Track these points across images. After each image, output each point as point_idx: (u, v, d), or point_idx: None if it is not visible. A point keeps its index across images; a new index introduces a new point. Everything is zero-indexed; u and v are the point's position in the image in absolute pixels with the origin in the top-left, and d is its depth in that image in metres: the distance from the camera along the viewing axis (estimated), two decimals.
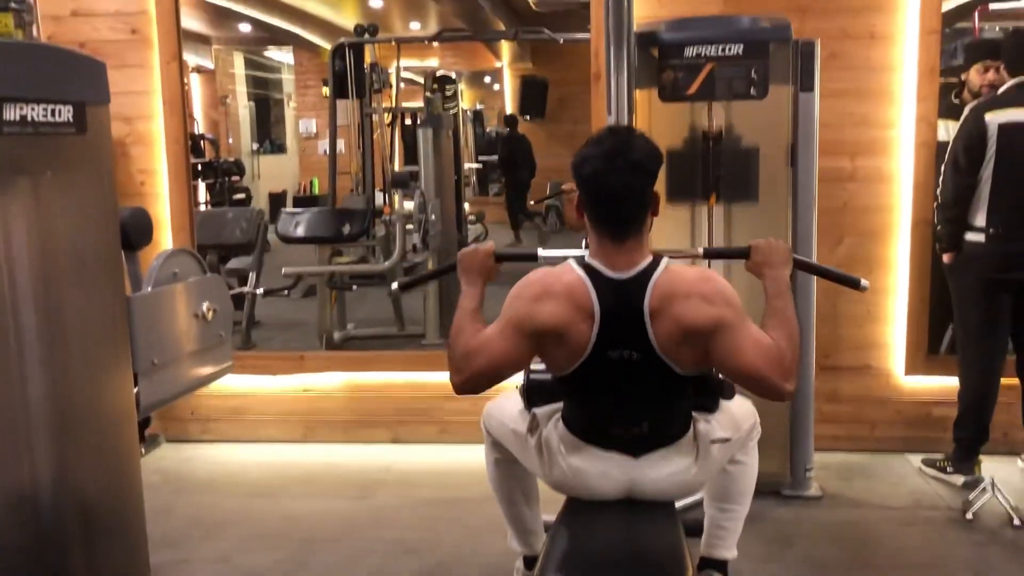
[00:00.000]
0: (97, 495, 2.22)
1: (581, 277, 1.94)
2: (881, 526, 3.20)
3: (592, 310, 1.91)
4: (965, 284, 3.43)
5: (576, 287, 1.93)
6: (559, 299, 1.93)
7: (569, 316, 1.92)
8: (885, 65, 3.64)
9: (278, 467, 3.89)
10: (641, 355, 1.92)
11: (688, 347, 1.92)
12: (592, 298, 1.91)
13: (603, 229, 1.96)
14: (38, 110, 1.94)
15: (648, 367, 1.93)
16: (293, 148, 13.18)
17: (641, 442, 2.02)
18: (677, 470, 2.04)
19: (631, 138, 1.96)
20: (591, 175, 1.94)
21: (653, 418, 2.02)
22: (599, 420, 2.04)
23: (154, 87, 3.99)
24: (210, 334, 2.64)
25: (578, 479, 2.06)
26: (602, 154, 1.93)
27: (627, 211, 1.95)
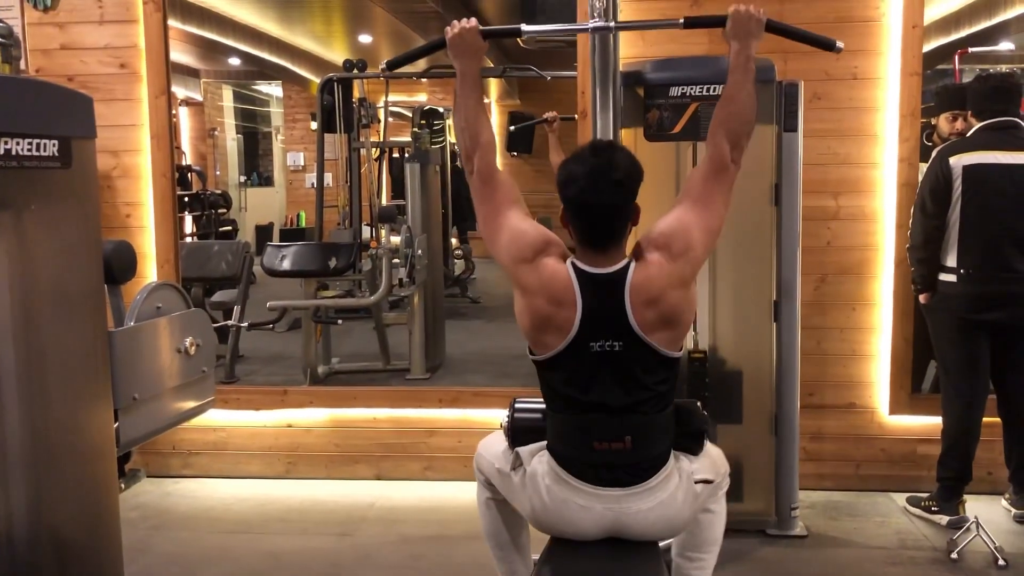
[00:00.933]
0: (74, 532, 2.18)
1: (568, 271, 2.04)
2: (866, 566, 3.18)
3: (575, 302, 2.01)
4: (942, 324, 3.46)
5: (560, 276, 2.03)
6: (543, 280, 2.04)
7: (549, 299, 2.03)
8: (868, 106, 3.69)
9: (260, 503, 3.85)
10: (624, 344, 2.00)
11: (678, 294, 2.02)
12: (576, 291, 2.01)
13: (586, 241, 2.06)
14: (23, 144, 1.93)
15: (632, 354, 2.00)
16: (280, 181, 13.19)
17: (623, 462, 2.02)
18: (660, 504, 2.03)
19: (614, 156, 2.05)
20: (575, 195, 2.03)
21: (635, 433, 2.03)
22: (583, 435, 2.05)
23: (142, 120, 4.00)
24: (193, 369, 2.61)
25: (562, 513, 2.05)
26: (585, 174, 2.02)
27: (610, 227, 2.04)
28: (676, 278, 2.02)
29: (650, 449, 2.06)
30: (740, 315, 3.37)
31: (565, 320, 2.01)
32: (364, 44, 9.97)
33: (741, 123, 2.14)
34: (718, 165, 2.12)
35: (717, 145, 2.13)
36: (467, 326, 7.41)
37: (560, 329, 2.02)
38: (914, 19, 3.62)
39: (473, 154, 2.17)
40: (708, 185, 2.11)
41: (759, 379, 3.38)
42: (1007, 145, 3.31)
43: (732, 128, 2.13)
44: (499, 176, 2.18)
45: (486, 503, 2.40)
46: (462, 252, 9.02)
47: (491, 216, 2.14)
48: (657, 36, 3.72)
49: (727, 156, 2.12)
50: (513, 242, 2.09)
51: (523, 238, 2.09)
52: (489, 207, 2.15)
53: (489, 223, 2.15)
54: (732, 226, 3.28)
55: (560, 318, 2.01)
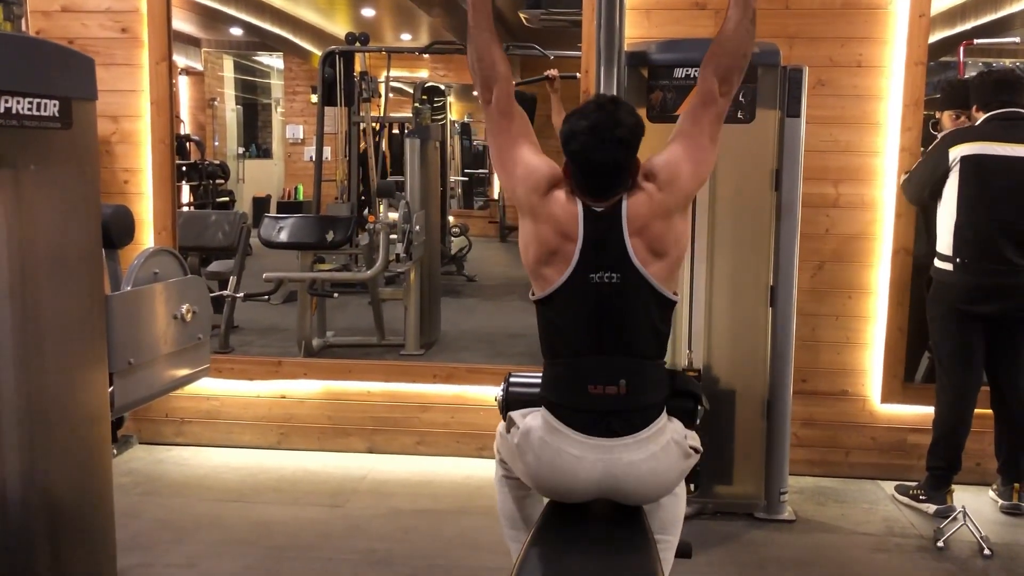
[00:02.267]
0: (66, 494, 2.19)
1: (576, 203, 2.08)
2: (853, 552, 3.21)
3: (577, 231, 2.05)
4: (939, 314, 3.47)
5: (570, 208, 2.07)
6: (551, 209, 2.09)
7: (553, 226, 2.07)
8: (871, 94, 3.69)
9: (252, 472, 3.86)
10: (622, 276, 2.04)
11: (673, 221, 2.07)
12: (579, 222, 2.05)
13: (589, 192, 2.09)
14: (23, 103, 1.92)
15: (628, 290, 2.04)
16: (279, 153, 13.15)
17: (617, 406, 2.04)
18: (651, 455, 2.04)
19: (617, 111, 2.07)
20: (578, 151, 2.06)
21: (630, 377, 2.05)
22: (577, 378, 2.07)
23: (142, 86, 3.97)
24: (188, 336, 2.61)
25: (554, 464, 2.06)
26: (588, 129, 2.04)
27: (612, 181, 2.07)
28: (661, 208, 2.06)
29: (643, 397, 2.07)
30: (736, 299, 3.37)
31: (567, 251, 2.06)
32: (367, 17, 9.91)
33: (733, 57, 2.14)
34: (706, 99, 2.14)
35: (706, 79, 2.14)
36: (463, 304, 7.42)
37: (562, 261, 2.06)
38: (921, 8, 3.61)
39: (492, 84, 2.19)
40: (696, 119, 2.14)
41: (753, 364, 3.39)
42: (1012, 137, 3.31)
43: (723, 62, 2.14)
44: (516, 108, 2.21)
45: (500, 480, 2.40)
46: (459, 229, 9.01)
47: (507, 147, 2.18)
48: (663, 17, 3.71)
49: (715, 90, 2.13)
50: (529, 174, 2.13)
51: (538, 171, 2.13)
52: (505, 139, 2.19)
53: (505, 154, 2.18)
54: (731, 210, 3.34)
55: (564, 250, 2.06)
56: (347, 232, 5.44)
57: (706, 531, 3.27)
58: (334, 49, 7.01)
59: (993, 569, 3.06)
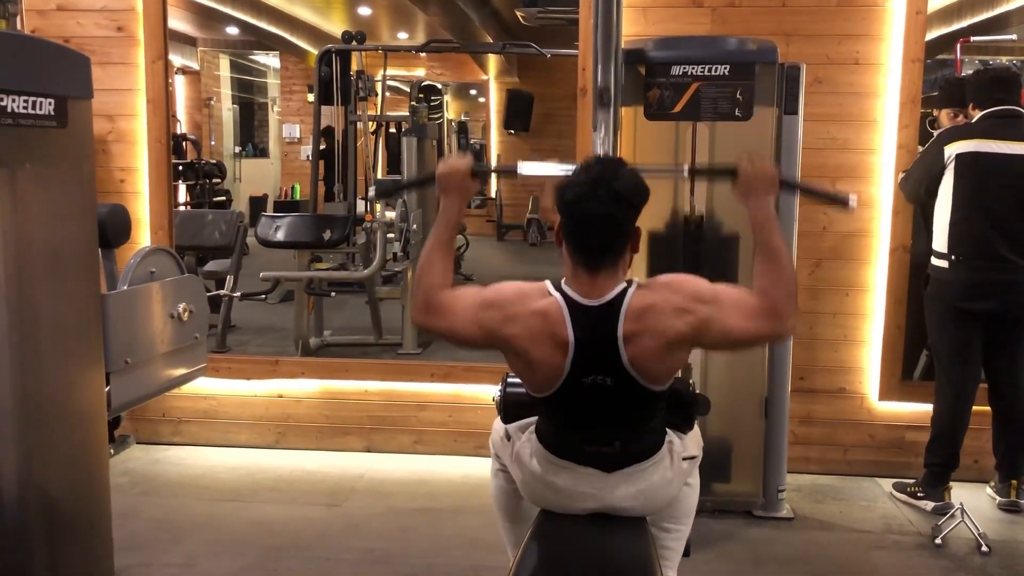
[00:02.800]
0: (63, 494, 2.18)
1: (558, 303, 1.92)
2: (851, 549, 3.21)
3: (567, 339, 1.90)
4: (936, 312, 3.47)
5: (551, 313, 1.92)
6: (531, 326, 1.92)
7: (539, 343, 1.91)
8: (868, 91, 3.68)
9: (249, 472, 3.85)
10: (614, 379, 1.92)
11: (673, 355, 1.93)
12: (568, 326, 1.90)
13: (579, 257, 1.94)
14: (19, 101, 1.92)
15: (621, 389, 1.93)
16: (275, 153, 13.13)
17: (613, 460, 2.02)
18: (648, 486, 2.03)
19: (618, 169, 1.95)
20: (573, 200, 1.92)
21: (625, 438, 2.01)
22: (572, 438, 2.04)
23: (138, 85, 3.96)
24: (185, 335, 2.61)
25: (549, 492, 2.06)
26: (587, 181, 1.92)
27: (605, 240, 1.93)
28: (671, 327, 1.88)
29: (640, 448, 2.05)
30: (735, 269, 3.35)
31: (558, 363, 1.92)
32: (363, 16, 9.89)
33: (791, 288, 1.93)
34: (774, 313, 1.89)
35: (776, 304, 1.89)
36: None
37: (553, 371, 1.93)
38: (918, 5, 3.60)
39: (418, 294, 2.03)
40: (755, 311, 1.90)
41: (751, 362, 3.38)
42: (1008, 135, 3.31)
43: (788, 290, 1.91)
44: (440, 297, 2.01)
45: (495, 473, 2.41)
46: None
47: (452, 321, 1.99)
48: (660, 15, 3.70)
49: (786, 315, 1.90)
50: (488, 309, 1.96)
51: (493, 298, 1.97)
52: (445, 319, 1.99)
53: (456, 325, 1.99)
54: (729, 209, 3.33)
55: (554, 361, 1.92)
56: (344, 231, 5.43)
57: (704, 529, 3.27)
58: (330, 48, 6.99)
59: (991, 566, 3.06)
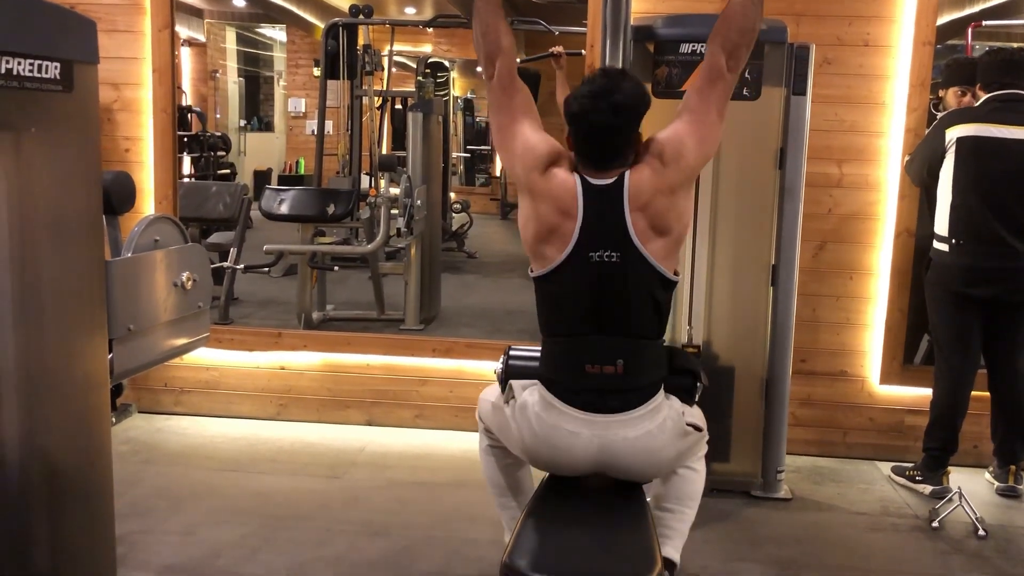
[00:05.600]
0: (65, 459, 2.19)
1: (575, 180, 2.07)
2: (848, 531, 3.22)
3: (577, 209, 2.04)
4: (937, 296, 3.47)
5: (568, 185, 2.06)
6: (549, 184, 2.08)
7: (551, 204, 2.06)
8: (878, 74, 3.66)
9: (250, 443, 3.87)
10: (622, 255, 2.03)
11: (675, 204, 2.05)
12: (579, 199, 2.04)
13: (587, 160, 2.09)
14: (24, 64, 1.90)
15: (628, 269, 2.03)
16: (281, 127, 13.09)
17: (614, 385, 2.04)
18: (646, 433, 2.05)
19: (620, 80, 2.08)
20: (577, 113, 2.07)
21: (628, 357, 2.05)
22: (575, 357, 2.06)
23: (144, 54, 3.95)
24: (188, 304, 2.60)
25: (550, 439, 2.07)
26: (589, 94, 2.06)
27: (609, 148, 2.07)
28: (665, 184, 2.05)
29: (640, 377, 2.08)
30: (737, 278, 3.36)
31: (567, 229, 2.05)
32: None
33: (741, 32, 2.12)
34: (713, 74, 2.12)
35: (713, 54, 2.13)
36: (463, 280, 7.42)
37: (561, 239, 2.06)
38: None
39: (495, 58, 2.19)
40: (703, 95, 2.13)
41: (753, 343, 3.39)
42: (1010, 119, 3.28)
43: (731, 37, 2.12)
44: (518, 84, 2.21)
45: (486, 450, 2.42)
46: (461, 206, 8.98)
47: (507, 123, 2.18)
48: None
49: (723, 65, 2.11)
50: (528, 151, 2.12)
51: (537, 148, 2.12)
52: (506, 115, 2.19)
53: (505, 131, 2.18)
54: (735, 188, 3.33)
55: (563, 228, 2.05)
56: (348, 205, 5.43)
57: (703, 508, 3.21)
58: (337, 21, 6.95)
59: (987, 549, 3.07)
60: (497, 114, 2.21)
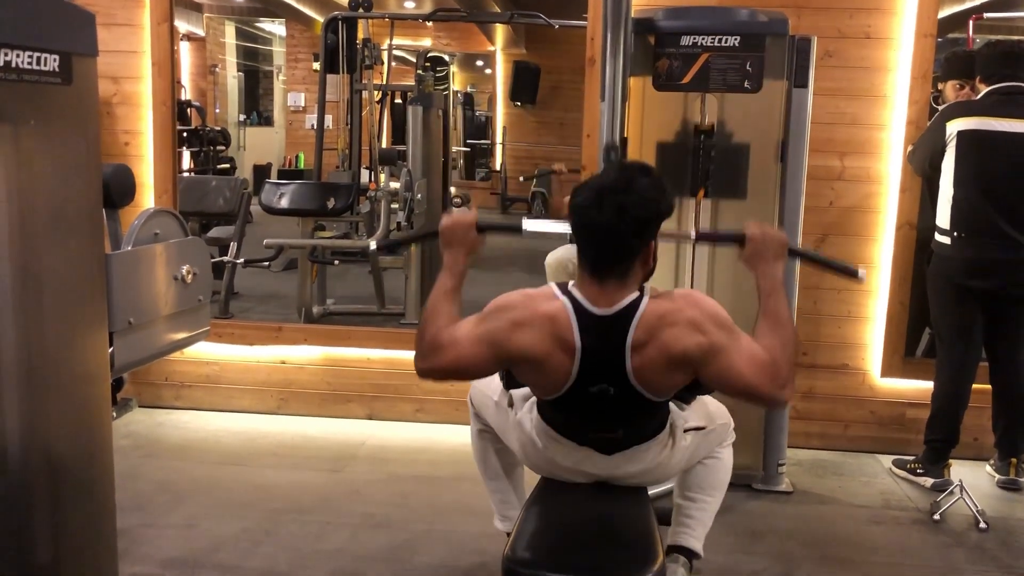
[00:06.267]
0: (66, 452, 2.18)
1: (566, 308, 1.85)
2: (849, 523, 3.22)
3: (574, 346, 1.84)
4: (938, 289, 3.46)
5: (559, 319, 1.85)
6: (539, 330, 1.85)
7: (548, 349, 1.85)
8: (879, 66, 3.65)
9: (251, 437, 3.87)
10: (617, 389, 1.88)
11: (675, 373, 1.87)
12: (575, 333, 1.84)
13: (585, 264, 1.88)
14: (23, 56, 1.89)
15: (624, 398, 1.90)
16: (280, 121, 13.07)
17: (616, 444, 2.03)
18: (649, 466, 2.05)
19: (636, 178, 1.84)
20: (580, 205, 1.84)
21: (628, 428, 2.02)
22: (575, 424, 2.04)
23: (143, 48, 3.94)
24: (189, 297, 2.60)
25: (551, 467, 2.07)
26: (597, 187, 1.83)
27: (609, 254, 1.84)
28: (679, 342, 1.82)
29: (642, 434, 2.05)
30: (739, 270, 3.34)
31: (566, 369, 1.86)
32: None
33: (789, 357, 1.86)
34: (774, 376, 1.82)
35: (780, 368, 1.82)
36: None
37: (561, 376, 1.88)
38: None
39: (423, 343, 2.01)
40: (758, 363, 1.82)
41: None
42: (1011, 112, 3.27)
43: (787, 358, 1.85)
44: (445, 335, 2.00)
45: (478, 434, 2.42)
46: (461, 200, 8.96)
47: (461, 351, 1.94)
48: None
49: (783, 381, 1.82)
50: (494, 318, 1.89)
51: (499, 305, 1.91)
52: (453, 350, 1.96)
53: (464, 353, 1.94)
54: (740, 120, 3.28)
55: (562, 366, 1.86)
56: (348, 199, 5.42)
57: None
58: (337, 15, 6.93)
59: (988, 542, 3.07)
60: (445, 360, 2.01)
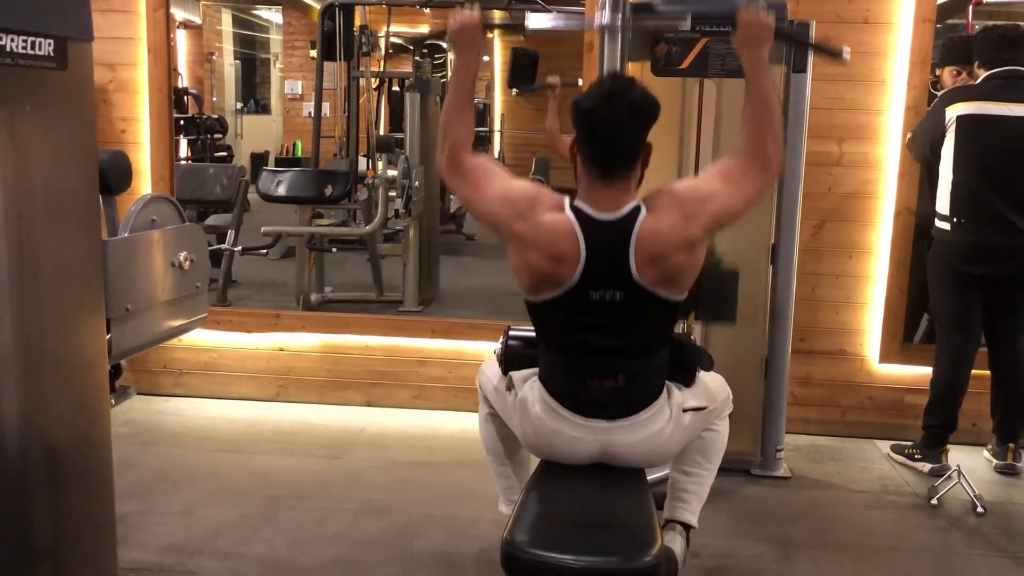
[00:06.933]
0: (64, 438, 2.18)
1: (570, 220, 1.96)
2: (847, 508, 3.23)
3: (579, 252, 1.94)
4: (938, 274, 3.46)
5: (560, 229, 1.95)
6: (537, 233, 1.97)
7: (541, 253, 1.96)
8: (878, 51, 3.64)
9: (250, 424, 3.87)
10: (625, 294, 1.95)
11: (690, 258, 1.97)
12: (579, 240, 1.94)
13: (594, 166, 1.98)
14: (17, 41, 1.88)
15: (633, 303, 1.96)
16: (277, 109, 13.03)
17: (616, 398, 2.03)
18: (649, 436, 2.05)
19: (632, 84, 2.01)
20: (589, 109, 1.97)
21: (629, 371, 2.03)
22: (575, 373, 2.05)
23: (139, 34, 3.92)
24: (186, 284, 2.59)
25: (551, 441, 2.08)
26: (601, 92, 1.98)
27: (619, 148, 1.98)
28: (685, 238, 1.94)
29: (643, 388, 2.07)
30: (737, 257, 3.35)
31: (565, 273, 1.95)
32: None
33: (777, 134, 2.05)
34: (762, 163, 2.02)
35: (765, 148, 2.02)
36: (461, 262, 7.40)
37: (560, 282, 1.97)
38: None
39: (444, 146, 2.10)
40: (744, 170, 2.02)
41: (752, 322, 3.38)
42: (1010, 97, 3.27)
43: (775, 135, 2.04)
44: (468, 160, 2.09)
45: (486, 418, 2.44)
46: None
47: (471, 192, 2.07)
48: None
49: (773, 162, 2.02)
50: (503, 204, 2.02)
51: (511, 194, 2.02)
52: (467, 186, 2.08)
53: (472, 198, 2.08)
54: None
55: (560, 272, 1.95)
56: (346, 186, 5.41)
57: None
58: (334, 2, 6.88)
59: (985, 526, 3.08)
60: (458, 189, 2.12)
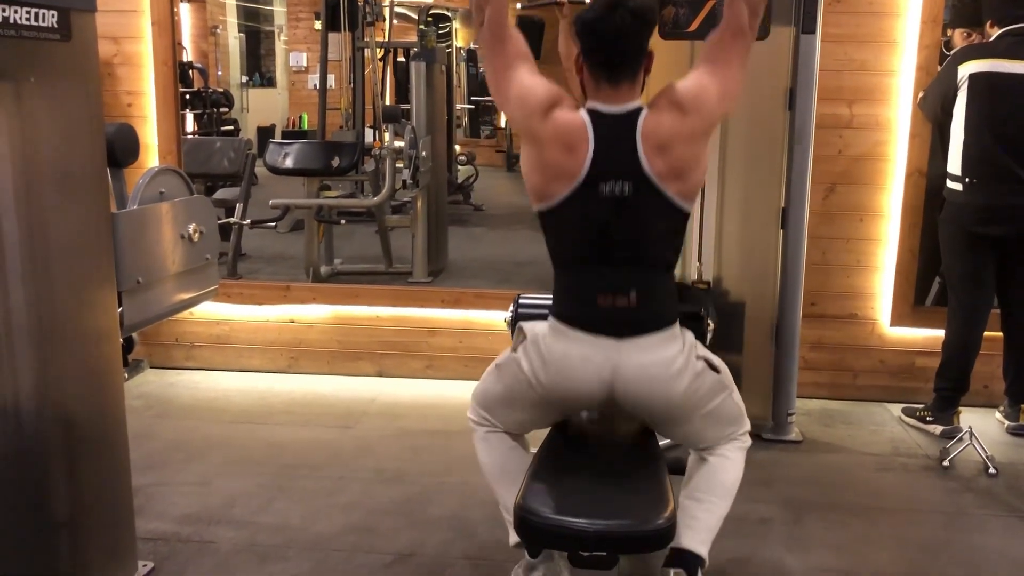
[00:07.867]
0: (79, 410, 2.20)
1: (582, 116, 2.03)
2: (858, 471, 3.23)
3: (587, 139, 1.99)
4: (950, 236, 3.44)
5: (575, 124, 2.01)
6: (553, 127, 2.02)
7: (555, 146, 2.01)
8: (888, 11, 3.59)
9: (262, 395, 3.89)
10: (633, 186, 1.98)
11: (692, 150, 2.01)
12: (588, 131, 2.00)
13: (600, 72, 2.03)
14: (21, 12, 1.87)
15: (640, 202, 1.99)
16: (283, 82, 12.98)
17: (627, 317, 2.02)
18: (660, 360, 2.02)
19: None
20: (593, 19, 2.02)
21: (641, 288, 2.03)
22: (587, 288, 2.05)
23: (143, 7, 3.90)
24: (196, 256, 2.60)
25: (560, 367, 2.04)
26: (604, 4, 2.02)
27: (624, 54, 2.02)
28: (686, 131, 2.00)
29: (654, 307, 2.05)
30: (747, 221, 3.34)
31: (576, 164, 2.00)
32: None
33: (754, 4, 2.09)
34: (735, 30, 2.08)
35: (734, 10, 2.08)
36: (470, 233, 7.39)
37: (571, 174, 2.01)
38: None
39: (485, 5, 2.12)
40: (725, 49, 2.09)
41: (763, 287, 3.38)
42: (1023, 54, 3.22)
43: (752, 4, 2.08)
44: (509, 29, 2.13)
45: (484, 437, 2.32)
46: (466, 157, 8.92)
47: (501, 70, 2.11)
48: None
49: (744, 21, 2.07)
50: (526, 96, 2.07)
51: (535, 90, 2.07)
52: (499, 61, 2.12)
53: (500, 78, 2.12)
54: (744, 130, 3.29)
55: (571, 163, 2.00)
56: (353, 158, 5.40)
57: None
58: None
59: (997, 487, 3.09)
60: (490, 62, 2.15)
